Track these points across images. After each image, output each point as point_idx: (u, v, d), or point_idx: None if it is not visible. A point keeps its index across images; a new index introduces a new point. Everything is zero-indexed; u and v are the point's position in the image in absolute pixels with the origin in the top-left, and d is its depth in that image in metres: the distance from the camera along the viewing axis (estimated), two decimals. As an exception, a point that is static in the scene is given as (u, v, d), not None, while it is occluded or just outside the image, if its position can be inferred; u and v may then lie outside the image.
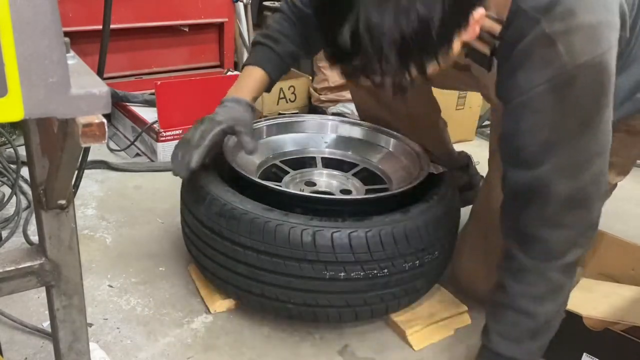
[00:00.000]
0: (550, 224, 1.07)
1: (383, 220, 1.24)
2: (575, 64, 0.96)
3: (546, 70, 0.97)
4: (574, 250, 1.10)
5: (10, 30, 0.53)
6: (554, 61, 0.96)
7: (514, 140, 1.05)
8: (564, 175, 1.03)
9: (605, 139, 1.04)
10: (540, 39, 0.97)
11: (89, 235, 1.72)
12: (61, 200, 0.75)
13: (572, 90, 0.98)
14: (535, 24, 0.96)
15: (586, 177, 1.04)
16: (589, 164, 1.04)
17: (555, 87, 0.97)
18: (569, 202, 1.05)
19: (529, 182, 1.05)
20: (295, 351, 1.34)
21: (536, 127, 1.01)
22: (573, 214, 1.07)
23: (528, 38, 0.98)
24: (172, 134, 2.21)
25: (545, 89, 0.98)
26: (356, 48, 0.87)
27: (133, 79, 2.62)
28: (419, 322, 1.39)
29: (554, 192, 1.04)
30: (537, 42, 0.97)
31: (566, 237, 1.09)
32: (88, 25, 2.24)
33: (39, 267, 0.79)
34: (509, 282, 1.13)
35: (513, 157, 1.07)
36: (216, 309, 1.43)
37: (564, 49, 0.95)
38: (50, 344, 1.24)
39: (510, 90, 1.02)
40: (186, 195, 1.39)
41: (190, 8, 2.62)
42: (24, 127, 0.77)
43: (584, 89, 0.98)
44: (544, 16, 0.96)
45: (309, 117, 1.76)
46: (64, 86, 0.57)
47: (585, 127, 1.01)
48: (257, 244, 1.22)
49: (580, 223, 1.09)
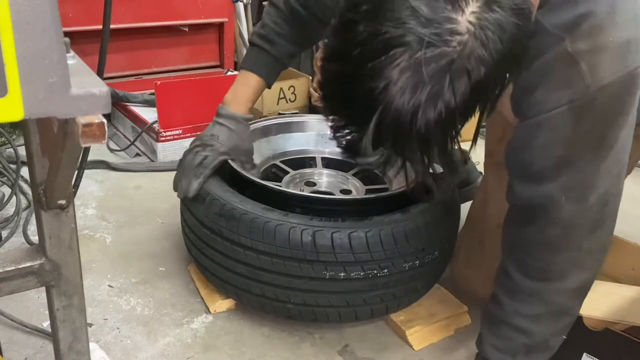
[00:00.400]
0: (550, 245, 1.04)
1: (383, 220, 1.24)
2: (598, 86, 0.91)
3: (567, 91, 0.93)
4: (576, 273, 1.06)
5: (10, 30, 0.53)
6: (575, 82, 0.92)
7: (524, 154, 1.01)
8: (571, 195, 0.99)
9: (618, 158, 1.00)
10: (562, 57, 0.92)
11: (89, 235, 1.72)
12: (61, 200, 0.75)
13: (591, 112, 0.94)
14: (559, 41, 0.91)
15: (594, 199, 1.00)
16: (598, 185, 0.99)
17: (575, 108, 0.93)
18: (573, 223, 1.01)
19: (535, 197, 1.02)
20: (295, 351, 1.34)
21: (550, 144, 0.97)
22: (577, 235, 1.03)
23: (549, 55, 0.92)
24: (172, 134, 2.21)
25: (565, 110, 0.93)
26: (380, 143, 0.83)
27: (133, 79, 2.62)
28: (419, 322, 1.39)
29: (558, 211, 1.00)
30: (558, 60, 0.92)
31: (567, 259, 1.05)
32: (88, 25, 2.25)
33: (39, 267, 0.79)
34: (505, 299, 1.11)
35: (521, 170, 1.03)
36: (216, 309, 1.43)
37: (587, 69, 0.90)
38: (50, 344, 1.24)
39: (528, 108, 0.98)
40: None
41: (190, 8, 2.63)
42: (24, 127, 0.77)
43: (604, 110, 0.94)
44: (568, 33, 0.91)
45: (309, 117, 1.76)
46: (64, 86, 0.57)
47: (599, 147, 0.97)
48: (257, 244, 1.22)
49: (586, 245, 1.04)
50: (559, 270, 1.06)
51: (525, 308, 1.09)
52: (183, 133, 2.22)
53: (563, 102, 0.93)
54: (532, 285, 1.07)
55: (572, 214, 1.01)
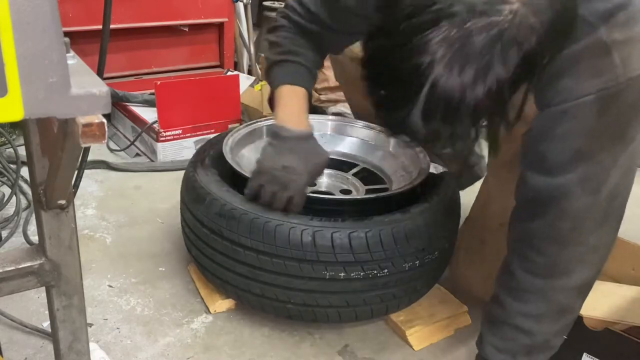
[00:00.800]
0: (559, 239, 1.03)
1: (383, 220, 1.24)
2: (628, 77, 0.90)
3: (597, 80, 0.91)
4: (581, 270, 1.05)
5: (10, 30, 0.53)
6: (606, 71, 0.90)
7: (543, 144, 0.98)
8: (586, 187, 0.98)
9: (635, 153, 0.99)
10: (595, 46, 0.90)
11: (89, 235, 1.72)
12: (61, 200, 0.75)
13: (618, 103, 0.93)
14: (592, 30, 0.89)
15: (606, 191, 0.99)
16: (612, 178, 0.98)
17: (602, 98, 0.92)
18: (583, 216, 1.00)
19: (549, 189, 1.00)
20: (295, 351, 1.34)
21: (571, 134, 0.95)
22: (585, 229, 1.02)
23: (582, 43, 0.90)
24: (172, 134, 2.21)
25: (592, 99, 0.92)
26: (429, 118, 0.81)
27: (133, 79, 2.62)
28: (419, 322, 1.39)
29: (571, 203, 0.99)
30: (591, 49, 0.90)
31: (574, 255, 1.04)
32: (88, 25, 2.25)
33: (39, 267, 0.79)
34: (507, 299, 1.10)
35: (537, 162, 1.01)
36: (216, 309, 1.43)
37: (620, 59, 0.89)
38: (50, 344, 1.24)
39: (553, 95, 0.95)
40: (186, 195, 1.39)
41: (190, 8, 2.63)
42: (24, 127, 0.77)
43: (630, 102, 0.94)
44: (604, 22, 0.89)
45: (309, 117, 1.75)
46: (64, 86, 0.57)
47: (620, 140, 0.97)
48: (257, 244, 1.22)
49: (592, 240, 1.03)
50: (564, 266, 1.05)
51: (527, 308, 1.08)
52: (183, 133, 2.23)
53: (591, 90, 0.91)
54: (535, 283, 1.07)
55: (583, 206, 0.99)
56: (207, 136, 2.18)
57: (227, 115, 2.28)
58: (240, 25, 2.93)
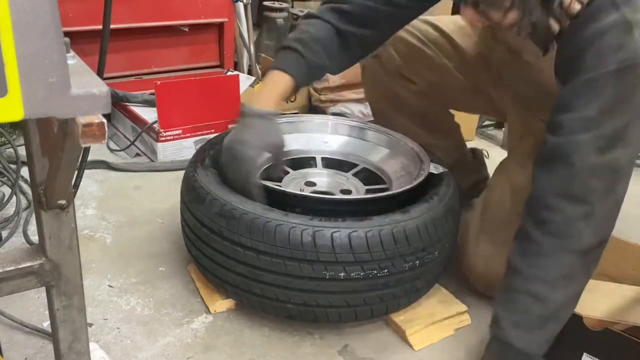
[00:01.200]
0: (572, 194, 1.10)
1: (383, 220, 1.24)
2: None
3: (618, 54, 1.04)
4: (590, 231, 1.11)
5: (10, 30, 0.53)
6: (627, 47, 1.03)
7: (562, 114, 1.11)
8: (597, 145, 1.08)
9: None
10: (618, 24, 1.03)
11: (89, 235, 1.72)
12: (61, 200, 0.75)
13: (633, 75, 1.05)
14: (616, 9, 1.03)
15: (617, 154, 1.09)
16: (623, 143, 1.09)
17: (621, 70, 1.04)
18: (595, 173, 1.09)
19: (563, 145, 1.10)
20: (295, 351, 1.34)
21: (590, 102, 1.07)
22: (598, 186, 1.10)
23: (606, 21, 1.04)
24: (172, 134, 2.21)
25: (612, 71, 1.04)
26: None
27: (133, 79, 2.62)
28: (419, 322, 1.39)
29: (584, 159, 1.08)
30: (614, 26, 1.04)
31: (585, 213, 1.11)
32: (88, 25, 2.24)
33: (39, 267, 0.79)
34: (522, 265, 1.15)
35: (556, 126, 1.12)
36: (216, 309, 1.43)
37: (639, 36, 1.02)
38: (50, 344, 1.24)
39: (575, 69, 1.08)
40: (186, 195, 1.39)
41: (190, 8, 2.62)
42: (24, 127, 0.77)
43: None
44: (627, 4, 1.03)
45: (309, 117, 1.76)
46: (64, 86, 0.57)
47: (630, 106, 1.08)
48: (257, 244, 1.22)
49: (602, 198, 1.11)
50: (576, 227, 1.11)
51: (541, 272, 1.13)
52: (183, 133, 2.22)
53: (612, 63, 1.04)
54: (550, 242, 1.12)
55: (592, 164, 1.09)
56: (207, 136, 2.18)
57: (227, 115, 2.28)
58: (240, 25, 2.92)
